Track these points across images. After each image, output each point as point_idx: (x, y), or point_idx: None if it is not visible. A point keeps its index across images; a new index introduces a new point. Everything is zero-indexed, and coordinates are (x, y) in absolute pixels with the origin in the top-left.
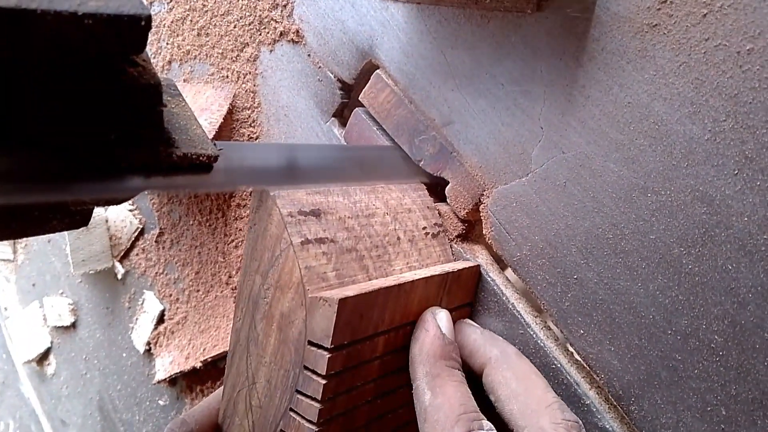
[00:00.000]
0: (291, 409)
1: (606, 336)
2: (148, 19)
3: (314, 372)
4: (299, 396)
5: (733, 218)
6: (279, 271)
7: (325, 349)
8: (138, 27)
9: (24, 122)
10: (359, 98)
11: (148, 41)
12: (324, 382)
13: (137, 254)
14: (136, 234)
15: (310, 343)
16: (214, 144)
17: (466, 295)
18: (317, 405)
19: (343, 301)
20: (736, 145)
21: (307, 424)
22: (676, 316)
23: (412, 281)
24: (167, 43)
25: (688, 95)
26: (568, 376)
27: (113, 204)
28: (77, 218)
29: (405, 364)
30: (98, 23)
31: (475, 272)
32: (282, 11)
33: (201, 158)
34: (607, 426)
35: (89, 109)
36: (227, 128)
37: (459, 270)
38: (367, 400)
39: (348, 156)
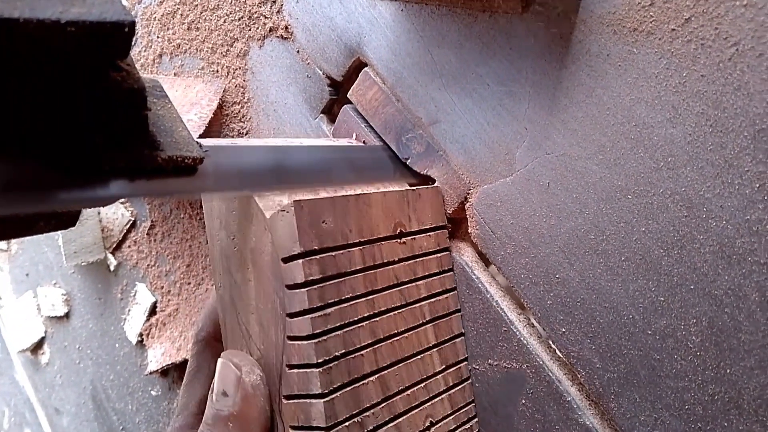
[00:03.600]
0: (288, 337)
1: (587, 335)
2: (132, 25)
3: (294, 285)
4: (290, 319)
5: (711, 221)
6: (237, 214)
7: (297, 256)
8: (121, 33)
9: (6, 130)
10: (348, 95)
11: (139, 34)
12: (306, 289)
13: (129, 246)
14: (127, 226)
15: (284, 261)
16: (200, 146)
17: (436, 217)
18: (308, 317)
19: (298, 203)
20: (716, 150)
21: (305, 343)
22: (655, 317)
23: (368, 193)
24: (158, 37)
25: (670, 99)
26: (550, 373)
27: (99, 206)
28: (64, 219)
29: (395, 283)
30: (81, 30)
31: (437, 193)
32: (271, 7)
33: (186, 160)
34: (588, 422)
35: (73, 114)
36: (217, 123)
37: (418, 189)
38: (363, 316)
39: (338, 156)
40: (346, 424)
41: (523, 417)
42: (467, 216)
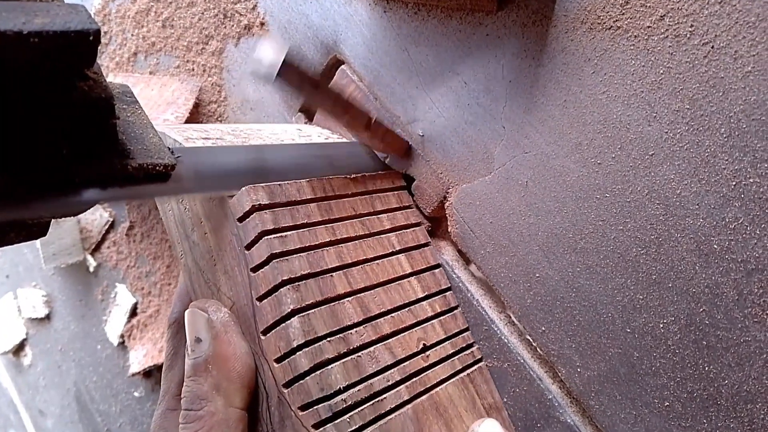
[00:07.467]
0: (251, 270)
1: (567, 333)
2: (97, 33)
3: (245, 215)
4: (248, 250)
5: (688, 219)
6: None
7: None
8: (86, 42)
9: None
10: None
11: (114, 32)
12: (257, 213)
13: (108, 247)
14: (106, 227)
15: (230, 197)
16: (172, 152)
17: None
18: (264, 239)
19: None
20: (693, 148)
21: (268, 267)
22: (634, 315)
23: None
24: (132, 35)
25: (646, 97)
26: (531, 371)
27: (71, 216)
28: (35, 230)
29: (353, 214)
30: (45, 41)
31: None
32: (246, 4)
33: (157, 168)
34: (569, 420)
35: (40, 125)
36: (194, 122)
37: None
38: (325, 241)
39: (317, 154)
40: (329, 339)
41: None
42: (447, 215)
